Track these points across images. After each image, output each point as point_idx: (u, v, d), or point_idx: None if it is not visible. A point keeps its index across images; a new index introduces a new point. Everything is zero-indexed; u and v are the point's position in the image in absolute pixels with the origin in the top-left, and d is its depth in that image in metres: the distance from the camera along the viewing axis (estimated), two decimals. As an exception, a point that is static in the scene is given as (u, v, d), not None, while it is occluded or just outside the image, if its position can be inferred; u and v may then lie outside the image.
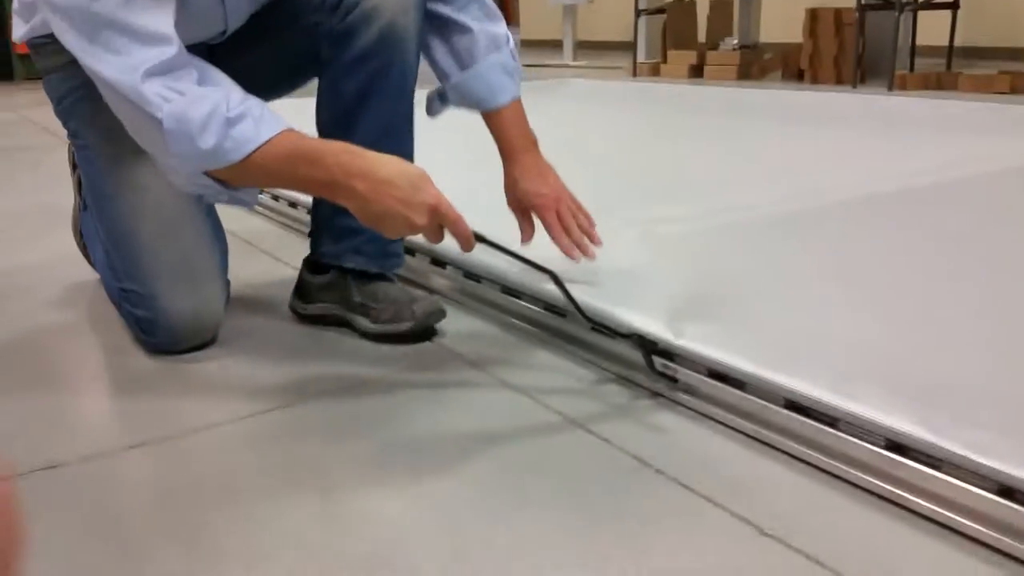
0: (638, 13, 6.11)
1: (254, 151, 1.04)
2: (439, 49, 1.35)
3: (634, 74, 6.05)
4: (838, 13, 5.15)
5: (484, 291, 1.42)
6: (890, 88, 4.62)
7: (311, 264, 1.41)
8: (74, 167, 1.64)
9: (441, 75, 1.37)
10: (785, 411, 0.95)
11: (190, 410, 1.11)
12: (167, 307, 1.25)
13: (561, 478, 0.93)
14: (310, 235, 1.42)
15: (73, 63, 1.21)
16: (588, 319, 1.15)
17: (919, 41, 5.32)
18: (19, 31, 1.33)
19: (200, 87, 1.07)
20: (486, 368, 1.21)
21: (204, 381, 1.21)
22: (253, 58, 1.19)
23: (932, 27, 5.45)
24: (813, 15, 5.26)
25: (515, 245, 1.20)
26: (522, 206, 1.33)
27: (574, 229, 1.31)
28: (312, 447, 1.01)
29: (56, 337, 1.40)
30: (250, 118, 1.05)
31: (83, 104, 1.28)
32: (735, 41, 5.86)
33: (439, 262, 1.52)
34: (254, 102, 1.08)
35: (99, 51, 1.06)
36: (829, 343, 1.08)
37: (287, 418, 1.09)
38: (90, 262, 1.62)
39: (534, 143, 1.36)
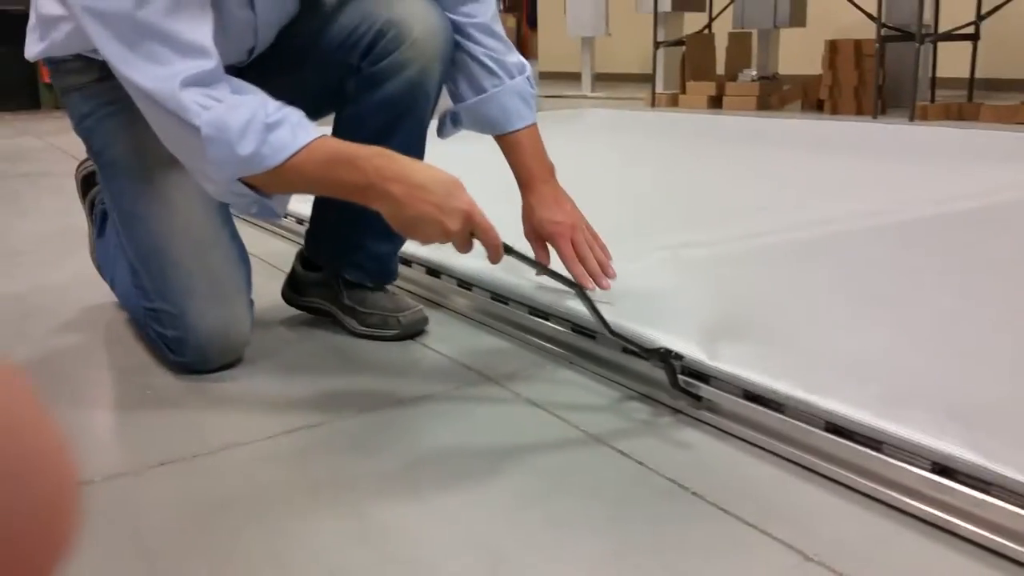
0: (657, 45, 6.13)
1: (291, 156, 1.06)
2: (457, 74, 1.36)
3: (652, 104, 6.06)
4: (858, 44, 5.14)
5: (510, 313, 1.41)
6: (911, 119, 4.60)
7: (304, 259, 1.46)
8: (84, 193, 1.66)
9: (455, 98, 1.38)
10: (827, 434, 0.93)
11: (217, 428, 1.10)
12: (197, 325, 1.24)
13: (595, 499, 0.91)
14: (307, 234, 1.45)
15: (95, 81, 1.26)
16: (614, 334, 1.13)
17: (939, 73, 5.31)
18: (34, 49, 1.31)
19: (237, 95, 1.08)
20: (512, 387, 1.19)
21: (230, 399, 1.19)
22: (278, 86, 1.18)
23: (952, 59, 5.44)
24: (833, 46, 5.26)
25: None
26: (538, 234, 1.33)
27: (589, 259, 1.30)
28: (341, 465, 1.00)
29: (79, 357, 1.39)
30: (288, 124, 1.07)
31: (108, 121, 1.27)
32: (754, 72, 5.86)
33: (465, 284, 1.51)
34: (290, 109, 1.09)
35: (139, 60, 1.06)
36: (867, 365, 1.06)
37: (315, 436, 1.07)
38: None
39: (551, 171, 1.36)
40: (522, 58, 1.38)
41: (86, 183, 1.67)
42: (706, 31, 6.24)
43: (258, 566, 0.81)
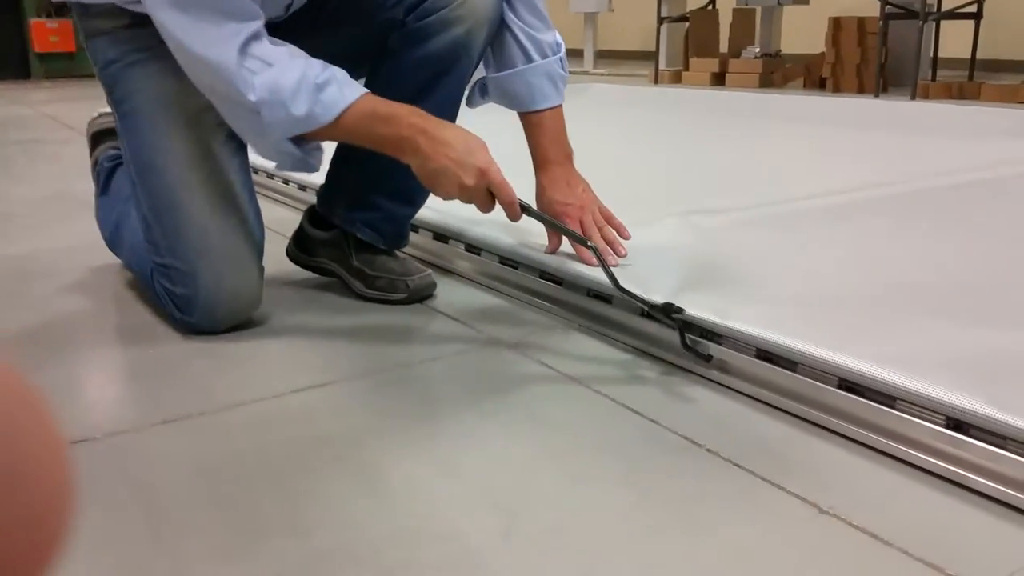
0: (660, 20, 6.09)
1: (341, 113, 1.11)
2: (493, 43, 1.34)
3: (655, 81, 6.03)
4: (861, 22, 5.12)
5: (519, 277, 1.40)
6: (913, 97, 4.59)
7: (313, 217, 1.44)
8: (92, 149, 1.64)
9: (486, 67, 1.37)
10: (840, 391, 0.92)
11: (223, 387, 1.09)
12: (208, 285, 1.22)
13: (610, 456, 0.90)
14: (321, 192, 1.43)
15: (124, 27, 1.23)
16: (621, 289, 1.14)
17: (941, 53, 5.28)
18: None
19: (283, 53, 1.11)
20: (523, 350, 1.19)
21: (236, 359, 1.19)
22: (316, 42, 1.18)
23: (953, 39, 5.42)
24: (836, 24, 5.23)
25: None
26: (549, 215, 1.32)
27: (596, 239, 1.30)
28: (351, 424, 0.99)
29: (80, 318, 1.38)
30: (335, 82, 1.12)
31: (134, 69, 1.24)
32: (757, 50, 5.83)
33: (474, 248, 1.50)
34: (334, 68, 1.13)
35: (190, 25, 1.09)
36: (879, 323, 1.06)
37: (323, 395, 1.06)
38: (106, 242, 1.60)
39: (568, 156, 1.36)
40: (559, 38, 1.37)
41: (95, 140, 1.65)
42: (710, 7, 6.21)
43: (268, 520, 0.80)
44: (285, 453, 0.92)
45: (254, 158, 1.29)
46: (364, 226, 1.39)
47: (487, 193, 1.12)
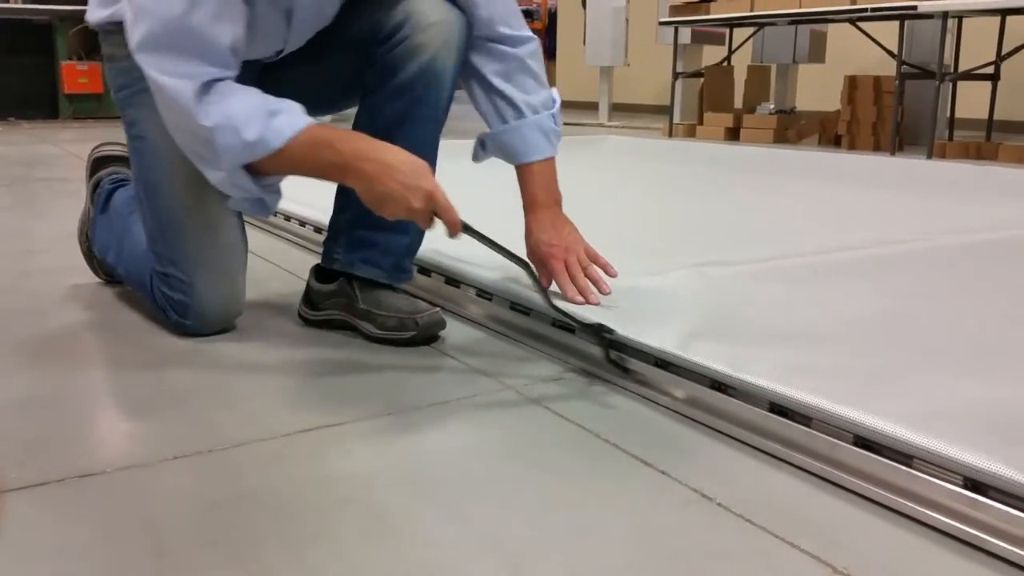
0: (676, 75, 6.16)
1: (290, 139, 1.16)
2: (486, 103, 1.44)
3: (670, 134, 6.07)
4: (877, 81, 5.16)
5: (531, 324, 1.39)
6: (929, 156, 4.60)
7: (319, 273, 1.50)
8: (91, 174, 1.73)
9: (487, 124, 1.45)
10: (856, 448, 0.91)
11: (233, 425, 1.08)
12: (202, 293, 1.37)
13: (618, 508, 0.89)
14: (324, 244, 1.49)
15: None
16: (556, 309, 1.23)
17: (957, 114, 5.31)
18: (98, 13, 1.38)
19: (239, 88, 1.19)
20: (535, 398, 1.18)
21: (246, 398, 1.18)
22: (304, 78, 1.27)
23: (970, 100, 5.45)
24: (852, 82, 5.27)
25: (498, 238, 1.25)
26: (536, 255, 1.40)
27: (579, 277, 1.37)
28: (359, 465, 0.98)
29: (94, 351, 1.39)
30: (286, 112, 1.18)
31: (141, 96, 1.31)
32: (772, 106, 5.87)
33: (485, 294, 1.50)
34: (288, 100, 1.19)
35: (164, 59, 1.16)
36: (894, 380, 1.05)
37: (331, 436, 1.06)
38: (91, 266, 1.73)
39: (557, 201, 1.44)
40: (555, 95, 1.45)
41: (96, 165, 1.75)
42: (725, 64, 6.27)
43: (274, 561, 0.79)
44: (293, 493, 0.91)
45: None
46: (363, 263, 1.43)
47: (431, 214, 1.17)
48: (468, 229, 1.19)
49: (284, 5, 1.29)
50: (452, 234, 1.19)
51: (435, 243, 1.49)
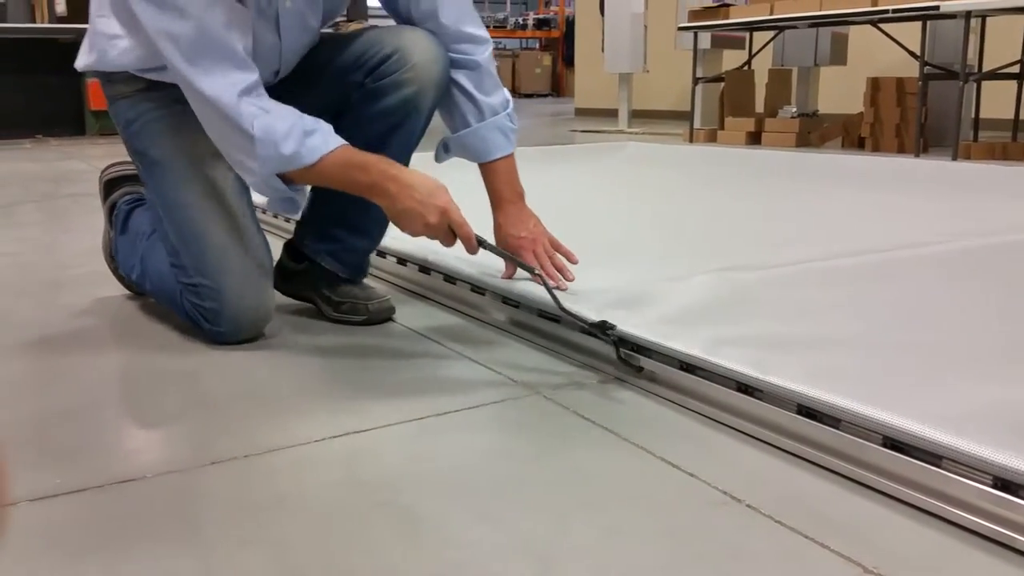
0: (696, 80, 6.15)
1: (322, 158, 1.30)
2: (450, 107, 1.55)
3: (690, 140, 6.07)
4: (900, 82, 5.12)
5: (557, 329, 1.40)
6: (954, 157, 4.56)
7: (291, 250, 1.64)
8: (105, 196, 1.82)
9: (448, 127, 1.57)
10: (885, 449, 0.91)
11: (267, 431, 1.10)
12: (232, 299, 1.42)
13: (646, 509, 0.90)
14: (297, 224, 1.65)
15: (141, 91, 1.46)
16: (564, 311, 1.31)
17: (982, 114, 5.26)
18: (83, 60, 1.49)
19: (278, 104, 1.32)
20: (562, 401, 1.19)
21: (277, 404, 1.20)
22: (295, 102, 1.36)
23: (995, 99, 5.40)
24: (875, 84, 5.24)
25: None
26: (505, 246, 1.50)
27: (547, 265, 1.49)
28: (390, 468, 1.00)
29: (132, 362, 1.42)
30: (320, 132, 1.31)
31: (153, 125, 1.45)
32: (794, 109, 5.85)
33: (510, 301, 1.51)
34: (322, 121, 1.33)
35: (202, 74, 1.29)
36: (922, 381, 1.05)
37: (363, 441, 1.07)
38: (121, 282, 1.78)
39: (520, 195, 1.55)
40: (507, 95, 1.57)
41: (109, 187, 1.82)
42: (745, 68, 6.26)
43: (309, 561, 0.80)
44: (326, 497, 0.93)
45: (258, 198, 1.47)
46: (329, 256, 1.59)
47: (449, 230, 1.30)
48: (483, 243, 1.32)
49: (269, 13, 1.40)
50: (469, 249, 1.32)
51: (460, 251, 1.50)
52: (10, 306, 1.76)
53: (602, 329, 1.26)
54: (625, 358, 1.24)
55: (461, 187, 1.59)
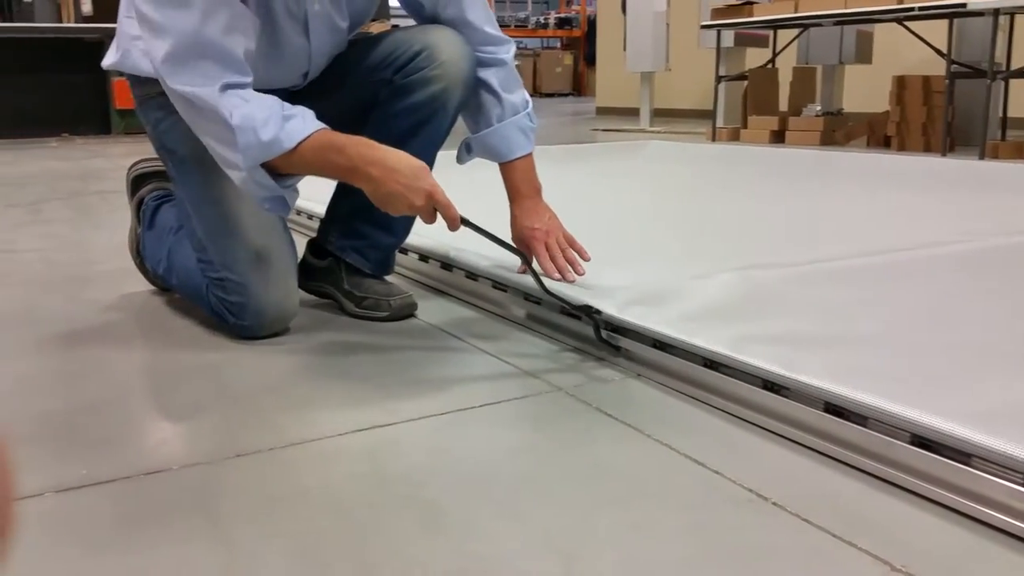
0: (719, 79, 6.12)
1: (302, 141, 1.26)
2: (475, 106, 1.57)
3: (713, 139, 6.04)
4: (926, 81, 5.07)
5: (580, 327, 1.40)
6: (982, 156, 4.51)
7: (314, 247, 1.65)
8: (133, 192, 1.83)
9: (470, 128, 1.60)
10: (913, 447, 0.90)
11: (290, 425, 1.11)
12: (259, 293, 1.43)
13: (671, 505, 0.89)
14: (322, 221, 1.65)
15: None
16: (549, 294, 1.36)
17: (1009, 112, 5.21)
18: (108, 59, 1.52)
19: (258, 94, 1.29)
20: (584, 397, 1.18)
21: (301, 399, 1.20)
22: (327, 103, 1.38)
23: (1022, 99, 5.34)
24: (900, 82, 5.19)
25: (499, 232, 1.39)
26: (520, 238, 1.53)
27: (558, 257, 1.51)
28: (415, 464, 1.00)
29: (157, 356, 1.43)
30: (299, 116, 1.29)
31: (182, 123, 1.39)
32: (818, 108, 5.81)
33: (533, 298, 1.51)
34: (300, 107, 1.30)
35: (187, 71, 1.26)
36: (950, 380, 1.04)
37: (385, 435, 1.07)
38: (147, 277, 1.79)
39: (537, 190, 1.57)
40: (527, 96, 1.59)
41: (136, 183, 1.83)
42: (769, 66, 6.22)
43: (334, 555, 0.81)
44: (350, 490, 0.93)
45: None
46: (353, 252, 1.61)
47: (432, 210, 1.28)
48: (467, 223, 1.30)
49: (298, 15, 1.42)
50: (452, 228, 1.30)
51: (481, 249, 1.60)
52: (38, 301, 1.78)
53: (587, 312, 1.31)
54: (607, 339, 1.30)
55: (480, 185, 1.60)
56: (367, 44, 1.55)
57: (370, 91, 1.53)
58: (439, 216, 1.29)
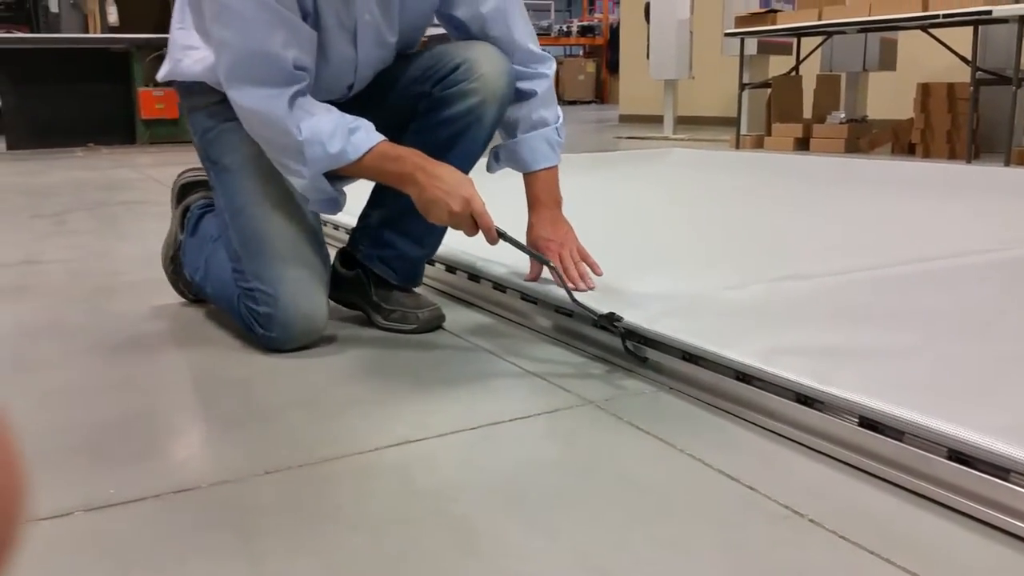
0: (742, 87, 6.10)
1: (366, 152, 1.37)
2: (510, 115, 1.60)
3: (737, 146, 6.01)
4: (951, 88, 5.04)
5: (611, 339, 1.39)
6: (1007, 163, 4.47)
7: (344, 257, 1.66)
8: (179, 200, 1.86)
9: (501, 136, 1.64)
10: (950, 463, 0.89)
11: (321, 440, 1.11)
12: (287, 305, 1.45)
13: (705, 522, 0.88)
14: (353, 231, 1.67)
15: (217, 103, 1.50)
16: (577, 303, 1.38)
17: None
18: (162, 71, 1.58)
19: (322, 107, 1.40)
20: (615, 411, 1.18)
21: (331, 414, 1.20)
22: (369, 114, 1.43)
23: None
24: (925, 90, 5.16)
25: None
26: (534, 247, 1.56)
27: (570, 269, 1.54)
28: (447, 479, 0.99)
29: (185, 369, 1.43)
30: (363, 129, 1.39)
31: (227, 135, 1.51)
32: (842, 115, 5.77)
33: (563, 311, 1.51)
34: (362, 119, 1.40)
35: (252, 85, 1.37)
36: (987, 394, 1.02)
37: (417, 451, 1.07)
38: (176, 289, 1.81)
39: (557, 202, 1.61)
40: (559, 112, 1.64)
41: (183, 192, 1.87)
42: (793, 74, 6.19)
43: (367, 572, 0.80)
44: (382, 507, 0.93)
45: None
46: (380, 262, 1.62)
47: (471, 219, 1.35)
48: (503, 235, 1.37)
49: (348, 25, 1.45)
50: (490, 239, 1.37)
51: (507, 259, 1.63)
52: (63, 313, 1.79)
53: (611, 322, 1.33)
54: (632, 350, 1.31)
55: (506, 194, 1.61)
56: (409, 58, 1.59)
57: (410, 103, 1.56)
58: (479, 229, 1.36)
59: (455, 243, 1.65)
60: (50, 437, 1.13)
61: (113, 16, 7.14)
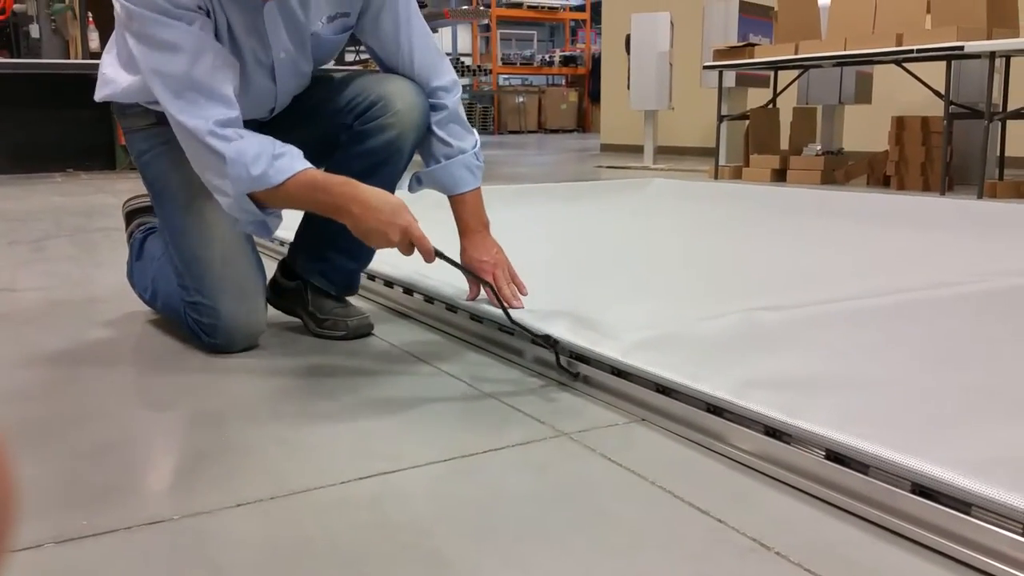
0: (721, 118, 6.17)
1: (288, 179, 1.42)
2: (424, 146, 1.71)
3: (715, 177, 6.07)
4: (925, 121, 5.12)
5: (590, 372, 1.40)
6: (980, 196, 4.54)
7: (284, 268, 1.82)
8: (127, 224, 2.00)
9: (424, 163, 1.74)
10: (914, 496, 0.91)
11: (292, 472, 1.11)
12: (226, 315, 1.59)
13: (674, 556, 0.89)
14: (291, 245, 1.82)
15: (152, 125, 1.61)
16: (513, 322, 1.47)
17: (1007, 152, 5.24)
18: (100, 92, 1.65)
19: (251, 132, 1.45)
20: (588, 443, 1.19)
21: (305, 446, 1.20)
22: (292, 137, 1.50)
23: (1020, 139, 5.38)
24: (900, 123, 5.24)
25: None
26: (469, 269, 1.66)
27: (504, 288, 1.65)
28: (420, 512, 1.00)
29: (159, 401, 1.43)
30: (289, 155, 1.44)
31: (162, 157, 1.61)
32: (818, 147, 5.85)
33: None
34: (291, 146, 1.46)
35: (186, 105, 1.43)
36: (950, 428, 1.04)
37: (389, 483, 1.07)
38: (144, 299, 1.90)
39: (485, 225, 1.72)
40: (475, 136, 1.74)
41: (130, 217, 2.02)
42: (770, 106, 6.27)
43: (338, 604, 0.81)
44: (354, 539, 0.93)
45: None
46: (318, 275, 1.76)
47: (409, 244, 1.41)
48: (440, 255, 1.44)
49: (266, 63, 1.57)
50: (427, 260, 1.42)
51: (436, 274, 1.71)
52: (41, 341, 1.78)
53: (547, 341, 1.42)
54: (566, 367, 1.40)
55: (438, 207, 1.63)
56: (330, 87, 1.71)
57: (332, 132, 1.69)
58: (415, 249, 1.42)
59: (393, 261, 1.78)
60: (24, 467, 1.13)
61: (95, 42, 7.14)
